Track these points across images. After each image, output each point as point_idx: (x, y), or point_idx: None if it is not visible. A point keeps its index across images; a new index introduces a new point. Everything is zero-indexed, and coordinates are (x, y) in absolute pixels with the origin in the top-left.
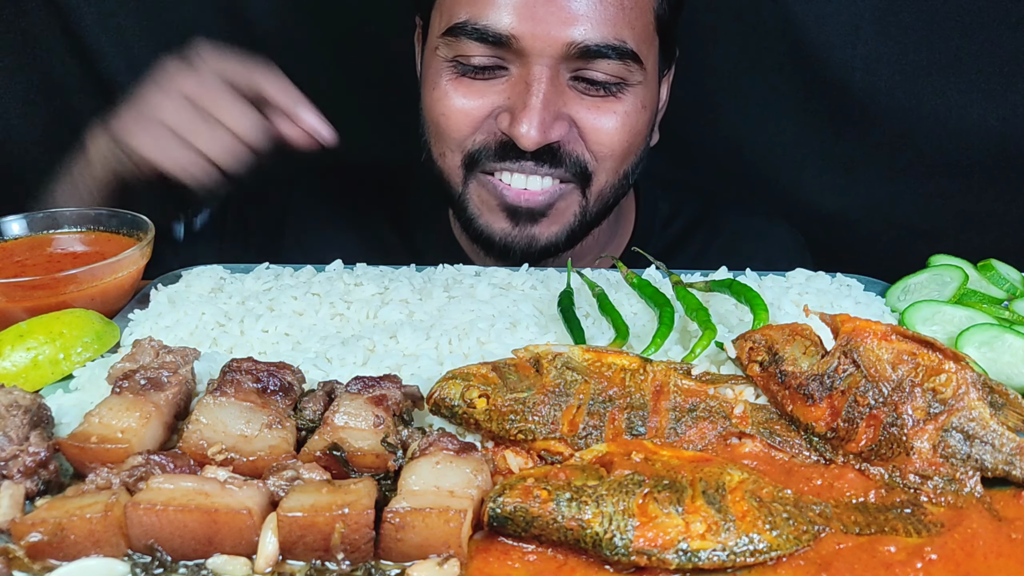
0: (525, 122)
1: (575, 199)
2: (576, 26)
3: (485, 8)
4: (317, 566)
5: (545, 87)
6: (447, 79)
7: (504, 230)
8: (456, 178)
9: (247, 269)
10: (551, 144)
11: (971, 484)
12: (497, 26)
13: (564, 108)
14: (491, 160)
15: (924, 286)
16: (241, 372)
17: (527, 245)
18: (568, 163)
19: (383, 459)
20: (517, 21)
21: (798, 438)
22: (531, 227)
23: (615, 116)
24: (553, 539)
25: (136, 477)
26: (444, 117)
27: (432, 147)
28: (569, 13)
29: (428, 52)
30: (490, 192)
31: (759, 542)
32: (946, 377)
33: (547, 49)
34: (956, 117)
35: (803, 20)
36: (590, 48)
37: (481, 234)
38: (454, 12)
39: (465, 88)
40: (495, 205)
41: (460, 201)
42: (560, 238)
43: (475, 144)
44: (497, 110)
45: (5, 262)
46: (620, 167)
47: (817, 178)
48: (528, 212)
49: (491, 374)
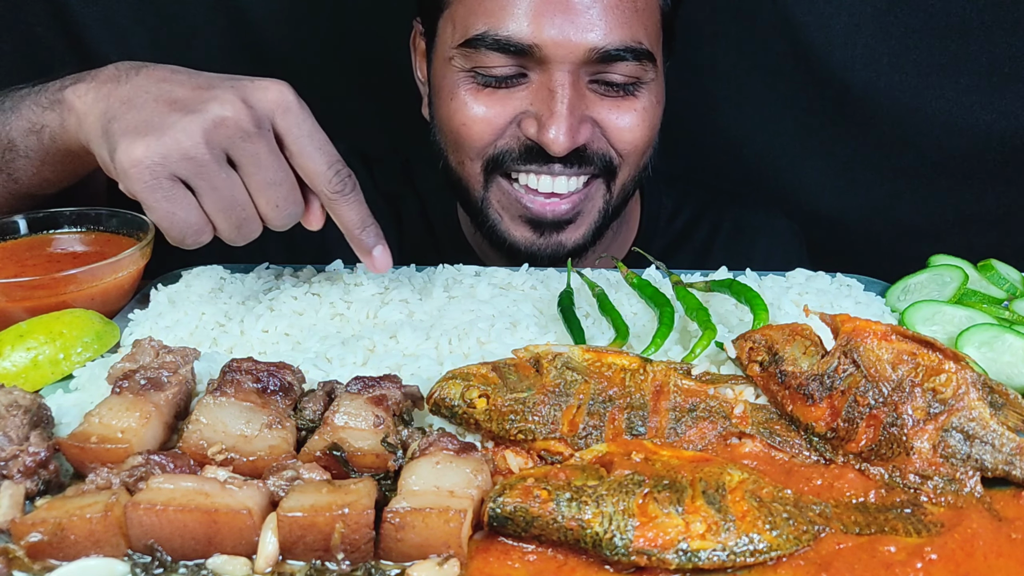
0: (554, 128)
1: (600, 196)
2: (595, 31)
3: (504, 19)
4: (317, 566)
5: (569, 92)
6: (465, 89)
7: (528, 239)
8: (476, 184)
9: (247, 269)
10: (578, 147)
11: (971, 484)
12: (519, 36)
13: (587, 111)
14: (515, 163)
15: (924, 286)
16: (241, 372)
17: (554, 252)
18: (596, 160)
19: (383, 459)
20: (538, 30)
21: (798, 438)
22: (557, 235)
23: (635, 114)
24: (553, 539)
25: (136, 477)
26: (465, 127)
27: (449, 155)
28: (588, 19)
29: (439, 62)
30: (512, 201)
31: (759, 542)
32: (946, 377)
33: (569, 56)
34: (956, 117)
35: (803, 20)
36: (610, 52)
37: (504, 241)
38: (470, 23)
39: (486, 98)
40: (517, 214)
41: (481, 208)
42: (587, 239)
43: (497, 149)
44: (520, 116)
45: (5, 262)
46: (641, 160)
47: (817, 178)
48: (553, 222)
49: (491, 374)
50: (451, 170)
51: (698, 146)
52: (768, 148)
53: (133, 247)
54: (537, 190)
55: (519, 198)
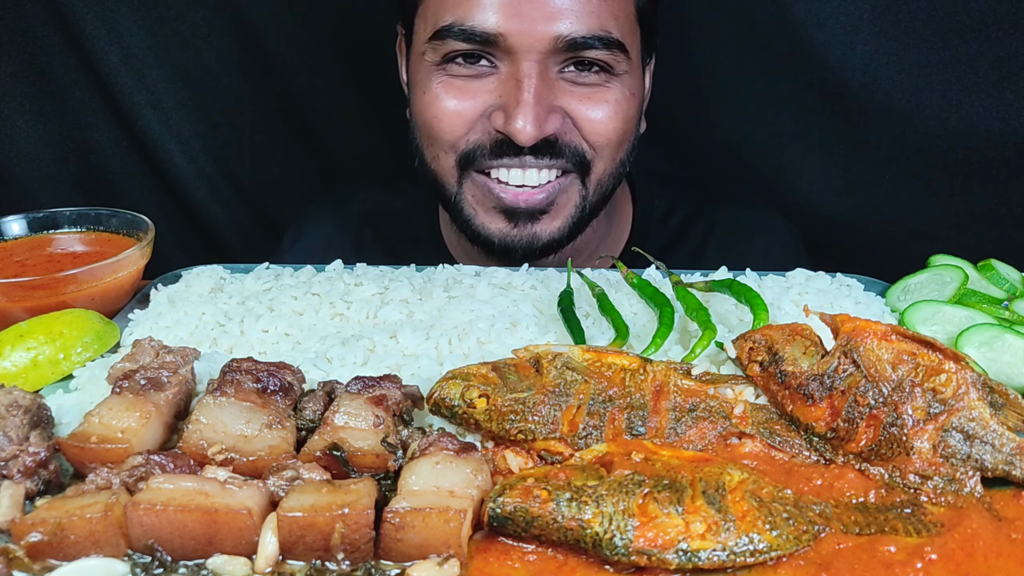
0: (520, 118)
1: (575, 190)
2: (561, 20)
3: (471, 9)
4: (317, 566)
5: (536, 82)
6: (437, 82)
7: (502, 230)
8: (451, 179)
9: (247, 269)
10: (548, 137)
11: (971, 484)
12: (484, 26)
13: (556, 101)
14: (487, 158)
15: (924, 286)
16: (241, 372)
17: (528, 244)
18: (567, 153)
19: (383, 459)
20: (503, 19)
21: (798, 438)
22: (531, 226)
23: (607, 105)
24: (553, 539)
25: (136, 477)
26: (436, 119)
27: (424, 151)
28: (554, 8)
29: (415, 58)
30: (485, 193)
31: (759, 542)
32: (946, 377)
33: (535, 45)
34: (956, 117)
35: (802, 20)
36: (577, 41)
37: (479, 235)
38: (439, 16)
39: (456, 90)
40: (491, 206)
41: (455, 203)
42: (562, 233)
43: (469, 144)
44: (490, 109)
45: (5, 262)
46: (616, 155)
47: (816, 178)
48: (527, 212)
49: (491, 374)
50: (427, 166)
51: (696, 146)
52: (767, 148)
53: (133, 247)
54: (508, 183)
55: (492, 188)
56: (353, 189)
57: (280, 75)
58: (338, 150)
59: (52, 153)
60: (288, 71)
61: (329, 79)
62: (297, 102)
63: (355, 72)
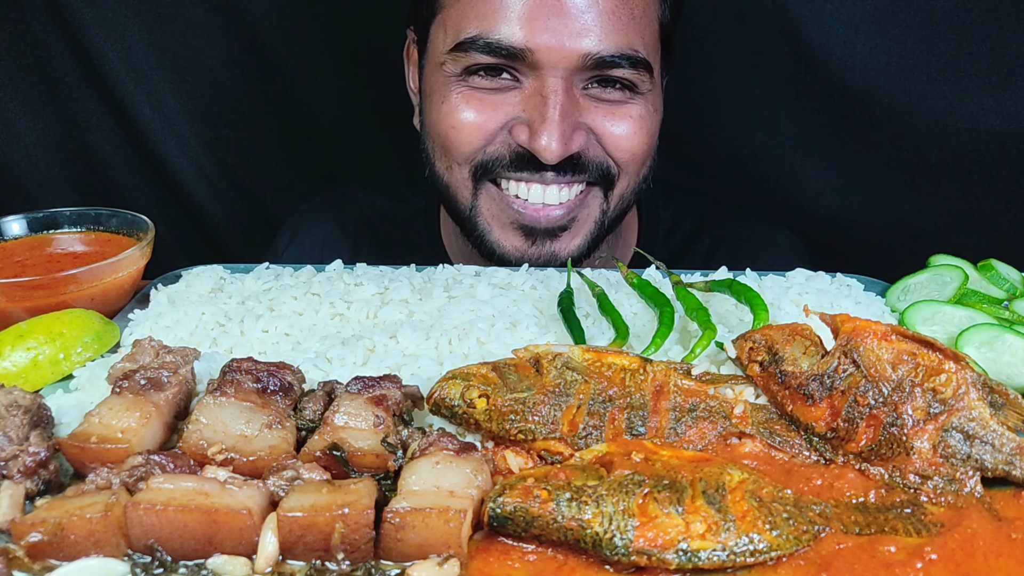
0: (546, 135)
1: (597, 204)
2: (589, 37)
3: (496, 22)
4: (317, 566)
5: (562, 98)
6: (457, 93)
7: (519, 248)
8: (464, 191)
9: (247, 269)
10: (572, 155)
11: (971, 484)
12: (510, 40)
13: (580, 118)
14: (505, 170)
15: (924, 286)
16: (241, 372)
17: (546, 263)
18: (592, 168)
19: (383, 459)
20: (530, 34)
21: (798, 438)
22: (550, 244)
23: (631, 120)
24: (553, 539)
25: (136, 477)
26: (454, 130)
27: (436, 161)
28: (582, 24)
29: (430, 67)
30: (502, 208)
31: (759, 542)
32: (946, 377)
33: (562, 61)
34: (956, 117)
35: (803, 20)
36: (604, 59)
37: (494, 251)
38: (462, 27)
39: (477, 102)
40: (508, 222)
41: (469, 216)
42: (581, 251)
43: (486, 155)
44: (511, 122)
45: (5, 262)
46: (640, 170)
47: (817, 178)
48: (547, 230)
49: (491, 374)
50: (438, 177)
51: (698, 147)
52: (768, 148)
53: (133, 247)
54: (526, 201)
55: (510, 203)
56: (350, 193)
57: (280, 75)
58: (338, 150)
59: (52, 153)
60: (288, 71)
61: (329, 79)
62: (297, 102)
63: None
